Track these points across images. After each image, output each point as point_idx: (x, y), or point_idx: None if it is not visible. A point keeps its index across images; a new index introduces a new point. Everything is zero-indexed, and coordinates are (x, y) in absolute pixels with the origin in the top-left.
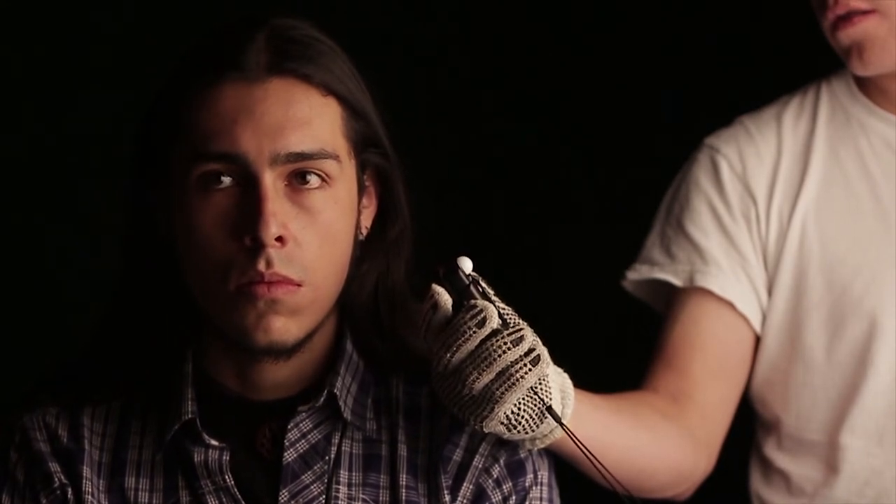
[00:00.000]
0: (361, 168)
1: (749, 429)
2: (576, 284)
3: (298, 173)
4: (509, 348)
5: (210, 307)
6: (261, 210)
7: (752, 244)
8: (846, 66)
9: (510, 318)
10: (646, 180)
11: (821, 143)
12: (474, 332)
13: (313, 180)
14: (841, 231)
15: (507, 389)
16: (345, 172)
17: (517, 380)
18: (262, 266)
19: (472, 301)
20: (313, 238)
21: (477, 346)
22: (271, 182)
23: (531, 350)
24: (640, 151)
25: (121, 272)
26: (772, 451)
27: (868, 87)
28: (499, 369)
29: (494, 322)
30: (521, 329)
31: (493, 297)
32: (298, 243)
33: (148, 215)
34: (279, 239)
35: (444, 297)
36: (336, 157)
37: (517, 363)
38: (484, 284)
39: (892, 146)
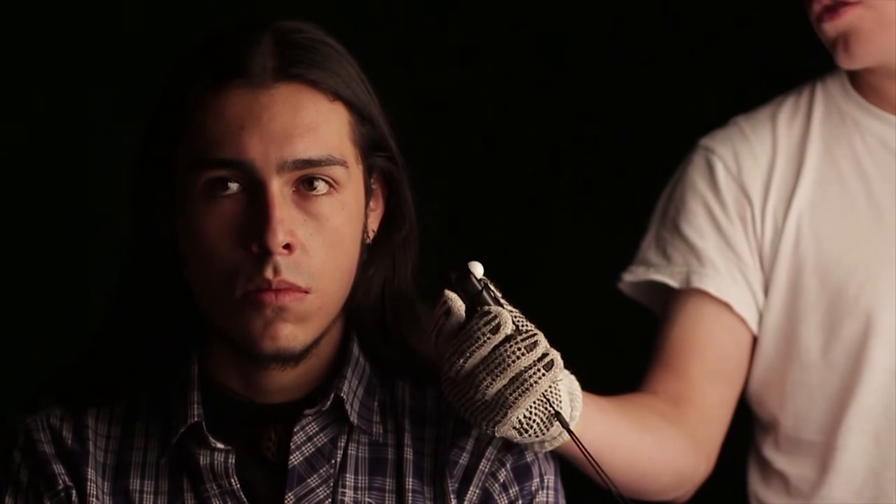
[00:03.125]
0: (368, 172)
1: (747, 430)
2: (574, 287)
3: (306, 179)
4: (523, 354)
5: (215, 314)
6: (268, 217)
7: (747, 245)
8: (833, 59)
9: (521, 323)
10: (643, 181)
11: (815, 142)
12: (488, 338)
13: (321, 186)
14: (836, 230)
15: (520, 395)
16: (352, 178)
17: (531, 385)
18: (269, 273)
19: (486, 307)
20: (321, 245)
21: (490, 352)
22: (279, 189)
23: (544, 355)
24: (639, 152)
25: (124, 274)
26: (770, 452)
27: (862, 85)
28: (512, 375)
29: (508, 328)
30: (534, 334)
31: (503, 302)
32: (305, 250)
33: (150, 219)
34: (287, 246)
35: (458, 303)
36: (343, 163)
37: (531, 368)
38: (493, 289)
39: (887, 144)
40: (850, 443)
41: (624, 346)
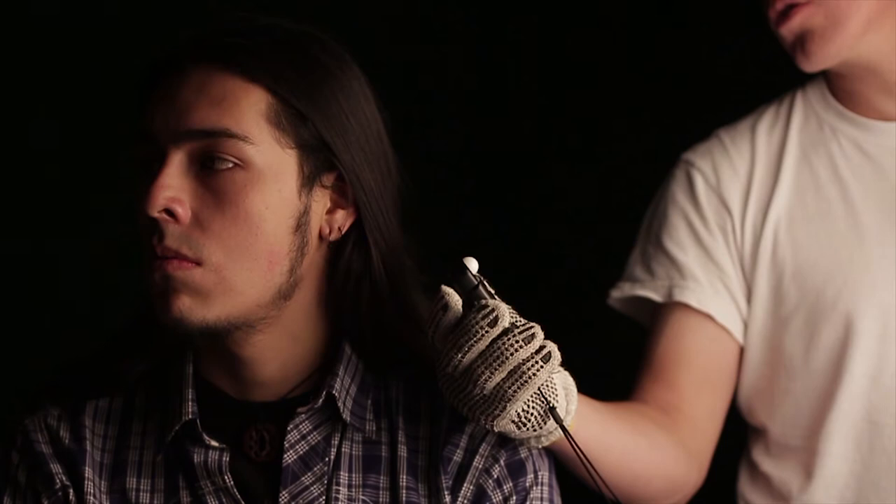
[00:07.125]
0: (314, 166)
1: (738, 432)
2: (568, 298)
3: (209, 156)
4: (521, 346)
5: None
6: (152, 183)
7: (729, 256)
8: (795, 63)
9: (516, 317)
10: (641, 197)
11: (793, 150)
12: (486, 332)
13: (224, 163)
14: (812, 236)
15: (519, 387)
16: (268, 159)
17: (529, 377)
18: (155, 239)
19: (483, 301)
20: (221, 220)
21: (488, 346)
22: (177, 159)
23: (542, 347)
24: (636, 169)
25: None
26: (759, 456)
27: (839, 91)
28: (511, 367)
29: (506, 321)
30: (531, 326)
31: (496, 297)
32: (199, 223)
33: None
34: (171, 214)
35: (455, 298)
36: (245, 139)
37: (529, 361)
38: (486, 284)
39: (863, 149)
40: (831, 448)
41: (622, 358)
